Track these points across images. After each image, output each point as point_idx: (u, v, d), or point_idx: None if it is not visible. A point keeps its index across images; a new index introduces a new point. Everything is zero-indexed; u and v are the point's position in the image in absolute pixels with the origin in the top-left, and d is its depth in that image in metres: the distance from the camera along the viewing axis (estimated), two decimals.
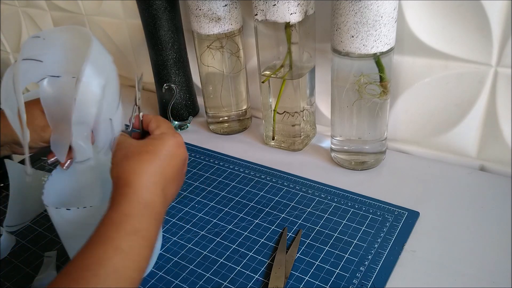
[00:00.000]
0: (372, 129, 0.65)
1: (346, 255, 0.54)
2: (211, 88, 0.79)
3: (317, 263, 0.53)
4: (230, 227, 0.60)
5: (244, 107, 0.81)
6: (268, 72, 0.70)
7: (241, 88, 0.79)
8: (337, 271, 0.52)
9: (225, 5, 0.69)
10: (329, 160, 0.72)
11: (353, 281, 0.50)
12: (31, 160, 0.51)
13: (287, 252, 0.55)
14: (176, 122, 0.85)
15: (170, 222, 0.62)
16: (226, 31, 0.72)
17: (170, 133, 0.48)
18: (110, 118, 0.47)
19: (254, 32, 0.67)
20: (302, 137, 0.74)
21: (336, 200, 0.63)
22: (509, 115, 0.61)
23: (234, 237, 0.59)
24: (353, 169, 0.69)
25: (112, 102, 0.48)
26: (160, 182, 0.44)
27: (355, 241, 0.55)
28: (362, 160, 0.68)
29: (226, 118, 0.82)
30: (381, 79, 0.61)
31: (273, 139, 0.76)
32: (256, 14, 0.64)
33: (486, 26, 0.57)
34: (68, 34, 0.48)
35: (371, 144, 0.67)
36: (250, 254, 0.56)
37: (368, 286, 0.49)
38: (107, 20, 0.99)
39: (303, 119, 0.72)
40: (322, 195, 0.64)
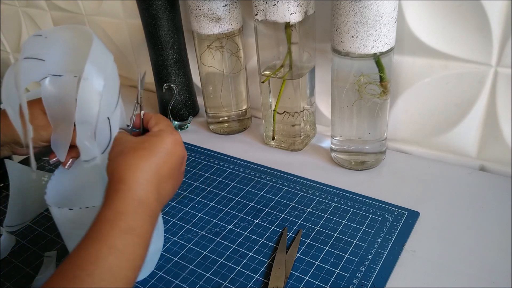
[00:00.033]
0: (372, 129, 0.65)
1: (346, 255, 0.54)
2: (211, 88, 0.79)
3: (317, 263, 0.53)
4: (230, 227, 0.60)
5: (244, 107, 0.81)
6: (268, 72, 0.70)
7: (241, 88, 0.79)
8: (337, 271, 0.52)
9: (225, 5, 0.69)
10: (329, 160, 0.72)
11: (353, 281, 0.50)
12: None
13: (287, 252, 0.55)
14: (176, 122, 0.85)
15: (170, 222, 0.62)
16: (226, 31, 0.72)
17: (168, 130, 0.47)
18: (108, 117, 0.47)
19: (254, 32, 0.67)
20: (302, 137, 0.74)
21: (336, 200, 0.63)
22: (509, 115, 0.61)
23: (234, 237, 0.59)
24: (353, 169, 0.69)
25: (111, 101, 0.47)
26: (155, 179, 0.43)
27: (355, 241, 0.56)
28: (362, 160, 0.68)
29: (226, 118, 0.82)
30: (381, 79, 0.61)
31: (273, 139, 0.76)
32: (256, 14, 0.64)
33: (486, 26, 0.57)
34: (70, 33, 0.48)
35: (371, 144, 0.67)
36: (250, 254, 0.56)
37: (368, 286, 0.50)
38: (107, 20, 0.99)
39: (303, 119, 0.72)
40: (322, 195, 0.64)
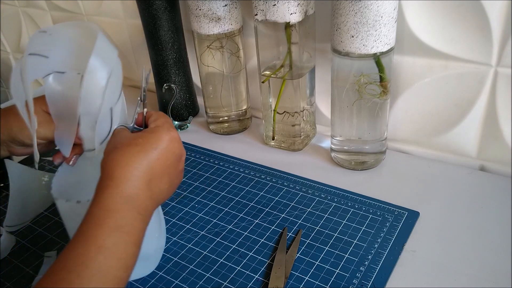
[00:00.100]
0: (372, 129, 0.65)
1: (346, 255, 0.54)
2: (211, 88, 0.79)
3: (317, 263, 0.53)
4: (230, 227, 0.60)
5: (244, 107, 0.81)
6: (268, 72, 0.70)
7: (241, 88, 0.79)
8: (337, 271, 0.52)
9: (225, 5, 0.69)
10: (329, 160, 0.72)
11: (353, 281, 0.50)
12: (30, 162, 0.51)
13: (287, 252, 0.55)
14: (176, 122, 0.85)
15: (170, 222, 0.62)
16: (226, 31, 0.72)
17: (164, 127, 0.46)
18: (110, 108, 0.47)
19: (254, 32, 0.67)
20: (302, 137, 0.74)
21: (336, 200, 0.62)
22: (509, 115, 0.61)
23: (234, 237, 0.59)
24: (353, 169, 0.69)
25: (114, 92, 0.47)
26: (146, 176, 0.42)
27: (355, 241, 0.55)
28: (362, 160, 0.68)
29: (226, 118, 0.82)
30: (381, 79, 0.61)
31: (273, 139, 0.76)
32: (256, 14, 0.64)
33: (486, 26, 0.57)
34: (75, 30, 0.48)
35: (371, 144, 0.67)
36: (250, 254, 0.56)
37: (368, 286, 0.49)
38: (107, 20, 0.99)
39: (303, 119, 0.72)
40: (322, 195, 0.64)
